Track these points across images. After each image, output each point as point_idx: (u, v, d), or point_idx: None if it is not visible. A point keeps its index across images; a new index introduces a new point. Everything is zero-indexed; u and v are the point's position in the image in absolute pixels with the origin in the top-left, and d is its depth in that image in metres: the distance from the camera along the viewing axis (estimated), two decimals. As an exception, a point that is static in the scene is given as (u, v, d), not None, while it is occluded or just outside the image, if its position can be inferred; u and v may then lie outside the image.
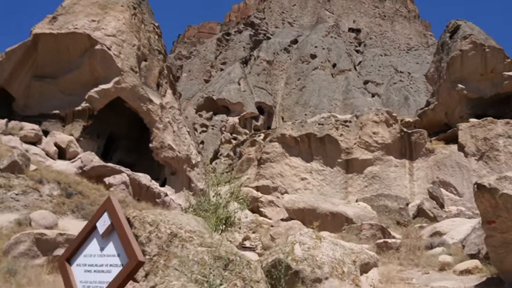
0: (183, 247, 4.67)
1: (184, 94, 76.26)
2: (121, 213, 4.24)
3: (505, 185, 8.89)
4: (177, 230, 4.83)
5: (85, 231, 4.45)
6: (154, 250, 4.65)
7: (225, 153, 53.61)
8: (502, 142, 32.24)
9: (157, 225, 4.83)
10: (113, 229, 4.21)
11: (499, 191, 8.71)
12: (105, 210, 4.36)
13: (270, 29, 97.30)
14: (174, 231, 4.80)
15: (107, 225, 4.27)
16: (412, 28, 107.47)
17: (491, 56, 36.94)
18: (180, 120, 30.67)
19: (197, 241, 4.77)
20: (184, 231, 4.85)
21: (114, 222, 4.21)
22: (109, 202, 4.40)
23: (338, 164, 35.93)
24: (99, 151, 27.94)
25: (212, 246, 4.77)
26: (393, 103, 70.13)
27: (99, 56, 27.30)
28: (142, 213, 5.04)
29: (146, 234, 4.78)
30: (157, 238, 4.73)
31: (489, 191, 8.87)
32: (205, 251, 4.66)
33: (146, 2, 36.79)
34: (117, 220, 4.19)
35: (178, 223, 4.99)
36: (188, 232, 4.86)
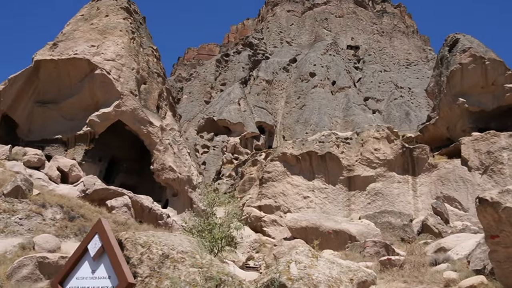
0: (175, 268, 4.60)
1: (185, 115, 76.52)
2: (111, 235, 4.20)
3: (508, 198, 8.77)
4: (169, 251, 4.77)
5: (77, 254, 4.40)
6: (145, 272, 4.58)
7: (227, 174, 53.52)
8: (506, 155, 31.99)
9: (149, 246, 4.77)
10: (104, 251, 4.17)
11: (501, 205, 8.58)
12: (96, 233, 4.32)
13: (269, 49, 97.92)
14: (166, 252, 4.74)
15: (98, 247, 4.23)
16: (411, 43, 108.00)
17: (492, 69, 36.89)
18: (181, 142, 30.72)
19: (189, 261, 4.71)
20: (176, 252, 4.78)
21: (105, 245, 4.17)
22: (100, 225, 4.36)
23: (340, 182, 35.74)
24: (101, 174, 27.99)
25: (203, 267, 4.70)
26: (394, 119, 70.10)
27: (99, 80, 27.56)
28: (134, 235, 4.99)
29: (138, 255, 4.71)
30: (148, 260, 4.67)
31: (491, 205, 8.74)
32: (197, 271, 4.60)
33: (144, 26, 37.20)
34: (107, 242, 4.14)
35: (170, 244, 4.93)
36: (180, 253, 4.80)
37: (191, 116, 75.94)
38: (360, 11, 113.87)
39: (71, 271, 4.42)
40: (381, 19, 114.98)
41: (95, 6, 34.24)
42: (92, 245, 4.24)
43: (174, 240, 5.13)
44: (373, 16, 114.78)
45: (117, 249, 4.03)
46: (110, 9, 33.33)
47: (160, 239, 5.02)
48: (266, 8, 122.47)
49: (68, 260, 4.45)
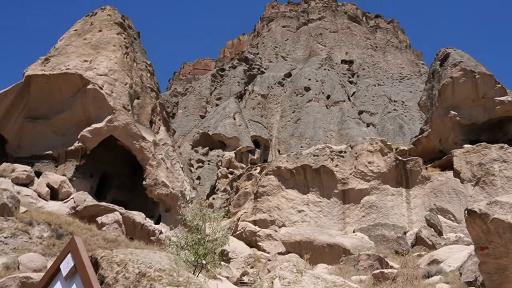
0: (151, 286, 4.51)
1: (180, 130, 76.46)
2: (84, 254, 4.12)
3: (496, 209, 8.74)
4: (146, 269, 4.68)
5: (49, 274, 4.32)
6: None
7: (222, 188, 53.30)
8: (497, 166, 32.09)
9: (125, 264, 4.69)
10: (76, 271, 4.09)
11: (490, 216, 8.56)
12: (69, 252, 4.24)
13: (264, 63, 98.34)
14: (142, 271, 4.66)
15: (70, 266, 4.14)
16: (404, 58, 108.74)
17: (482, 82, 37.14)
18: (174, 157, 30.62)
19: (166, 280, 4.62)
20: (153, 270, 4.70)
21: (77, 264, 4.08)
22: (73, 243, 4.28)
23: (334, 195, 35.66)
24: (93, 190, 27.77)
25: (180, 285, 4.61)
26: (388, 132, 70.26)
27: (91, 95, 27.49)
28: (111, 253, 4.90)
29: (113, 274, 4.62)
30: (124, 279, 4.58)
31: (480, 216, 8.71)
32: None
33: (138, 41, 37.30)
34: (80, 261, 4.06)
35: (148, 262, 4.84)
36: (157, 271, 4.71)
37: (186, 131, 75.88)
38: (354, 26, 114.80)
39: (42, 292, 4.33)
40: (374, 34, 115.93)
41: (89, 21, 34.36)
42: (65, 264, 4.15)
43: (152, 258, 5.05)
44: (367, 31, 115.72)
45: (89, 268, 3.94)
46: (104, 24, 33.44)
47: (138, 257, 4.94)
48: (262, 24, 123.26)
49: (40, 280, 4.36)
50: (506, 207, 9.05)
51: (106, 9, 35.89)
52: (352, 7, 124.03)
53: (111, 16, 34.69)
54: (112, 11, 35.67)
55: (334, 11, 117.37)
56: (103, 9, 36.10)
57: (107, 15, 34.72)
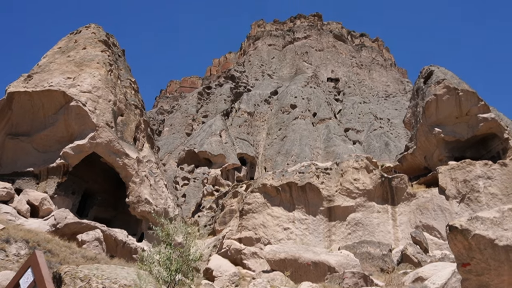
0: (115, 302, 4.33)
1: (166, 148, 76.15)
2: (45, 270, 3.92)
3: (477, 225, 8.70)
4: (110, 285, 4.49)
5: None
6: (82, 307, 4.30)
7: (208, 206, 52.92)
8: (482, 183, 32.25)
9: (89, 280, 4.49)
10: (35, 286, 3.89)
11: (471, 232, 8.52)
12: (29, 266, 4.04)
13: (251, 81, 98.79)
14: (106, 286, 4.47)
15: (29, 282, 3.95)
16: (389, 76, 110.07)
17: (465, 100, 37.49)
18: (157, 174, 30.33)
19: (130, 295, 4.44)
20: (118, 286, 4.51)
21: (37, 279, 3.89)
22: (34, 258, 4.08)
23: (320, 212, 35.49)
24: (74, 207, 27.33)
25: (146, 301, 4.44)
26: (374, 149, 70.62)
27: (74, 112, 27.21)
28: (75, 268, 4.71)
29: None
30: (87, 294, 4.39)
31: (461, 232, 8.66)
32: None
33: (123, 59, 37.18)
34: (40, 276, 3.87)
35: (113, 277, 4.65)
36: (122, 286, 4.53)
37: (172, 148, 75.61)
38: (340, 45, 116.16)
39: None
40: (360, 53, 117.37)
41: (73, 39, 34.20)
42: (24, 279, 3.96)
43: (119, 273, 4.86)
44: (352, 50, 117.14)
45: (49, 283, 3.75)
46: (88, 41, 33.30)
47: (104, 272, 4.75)
48: (248, 42, 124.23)
49: (-1, 296, 4.16)
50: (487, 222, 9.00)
51: (90, 27, 35.79)
52: (338, 26, 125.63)
53: (96, 34, 34.58)
54: (97, 29, 35.58)
55: (320, 30, 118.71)
56: (88, 27, 36.01)
57: (92, 32, 34.61)
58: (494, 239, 8.28)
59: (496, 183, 32.00)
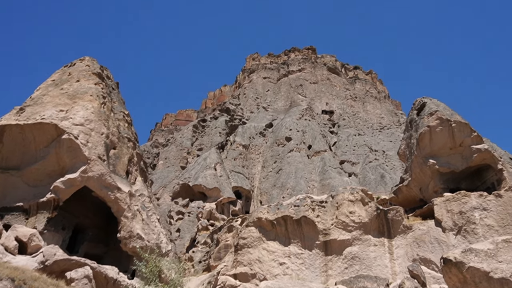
0: None
1: (160, 181, 75.59)
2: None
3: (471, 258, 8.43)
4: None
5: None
6: None
7: (202, 241, 52.05)
8: (477, 215, 31.95)
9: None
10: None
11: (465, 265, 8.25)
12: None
13: (246, 114, 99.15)
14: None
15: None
16: (383, 108, 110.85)
17: (458, 131, 37.53)
18: (150, 208, 29.88)
19: None
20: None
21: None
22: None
23: (316, 246, 34.93)
24: (64, 243, 26.72)
25: None
26: (370, 181, 70.34)
27: (65, 145, 26.95)
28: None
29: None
30: None
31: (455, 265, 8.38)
32: None
33: (117, 91, 37.19)
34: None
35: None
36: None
37: (167, 182, 75.00)
38: (334, 77, 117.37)
39: None
40: (353, 85, 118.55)
41: (67, 72, 34.26)
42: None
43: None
44: (346, 82, 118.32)
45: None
46: (82, 74, 33.34)
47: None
48: (243, 75, 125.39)
49: None
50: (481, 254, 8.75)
51: (85, 60, 35.93)
52: (331, 59, 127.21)
53: (90, 66, 34.67)
54: (91, 61, 35.70)
55: (314, 63, 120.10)
56: (82, 59, 36.14)
57: (86, 65, 34.70)
58: (489, 272, 8.03)
59: (492, 214, 31.74)
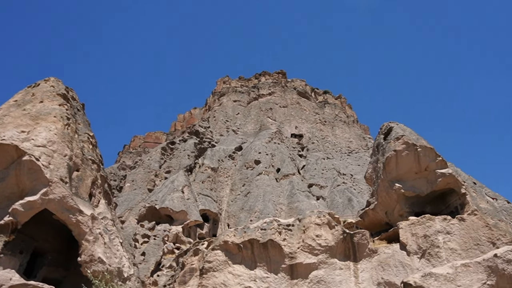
0: None
1: (126, 204, 74.23)
2: None
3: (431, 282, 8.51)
4: None
5: None
6: None
7: (168, 264, 51.14)
8: (441, 238, 32.41)
9: None
10: None
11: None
12: None
13: (215, 137, 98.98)
14: None
15: None
16: (351, 132, 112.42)
17: (423, 155, 38.21)
18: (113, 231, 29.21)
19: None
20: None
21: None
22: None
23: (282, 270, 34.70)
24: (22, 268, 25.81)
25: None
26: (338, 205, 70.71)
27: (26, 167, 26.25)
28: None
29: None
30: None
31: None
32: None
33: (82, 113, 36.60)
34: None
35: None
36: None
37: (133, 205, 73.66)
38: (303, 101, 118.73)
39: None
40: (323, 109, 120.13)
41: (30, 92, 33.55)
42: None
43: None
44: (316, 107, 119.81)
45: None
46: (46, 95, 32.70)
47: None
48: (213, 98, 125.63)
49: None
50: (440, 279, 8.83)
51: (49, 80, 35.29)
52: (301, 83, 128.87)
53: (54, 87, 34.05)
54: (56, 82, 35.10)
55: (284, 87, 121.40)
56: (47, 80, 35.49)
57: (51, 86, 34.08)
58: (446, 297, 8.03)
59: (455, 238, 32.26)
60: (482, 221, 32.25)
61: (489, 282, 25.11)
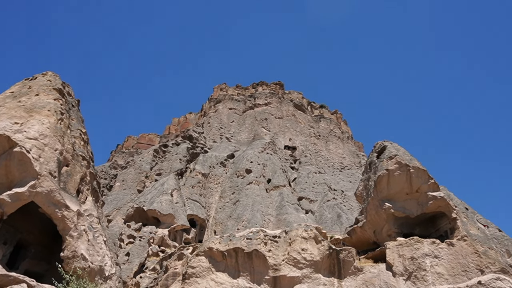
0: None
1: (115, 203, 73.82)
2: None
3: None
4: None
5: None
6: None
7: (151, 267, 50.75)
8: (429, 262, 32.22)
9: None
10: None
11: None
12: None
13: (208, 143, 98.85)
14: None
15: None
16: (345, 148, 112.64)
17: (416, 177, 38.18)
18: (98, 229, 28.93)
19: None
20: None
21: None
22: None
23: (265, 281, 34.44)
24: (5, 259, 25.53)
25: None
26: (326, 220, 70.57)
27: (16, 158, 26.05)
28: None
29: None
30: None
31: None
32: None
33: (76, 109, 36.42)
34: None
35: None
36: None
37: (122, 204, 73.27)
38: (299, 114, 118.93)
39: None
40: (318, 123, 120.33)
41: (27, 85, 33.40)
42: None
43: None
44: (311, 120, 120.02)
45: None
46: (42, 88, 32.54)
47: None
48: (209, 104, 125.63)
49: None
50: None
51: (47, 74, 35.14)
52: (298, 96, 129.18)
53: (51, 81, 33.90)
54: (53, 76, 34.94)
55: (281, 98, 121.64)
56: (45, 74, 35.35)
57: (48, 80, 33.93)
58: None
59: (443, 262, 32.05)
60: (471, 248, 32.09)
61: (472, 309, 24.95)
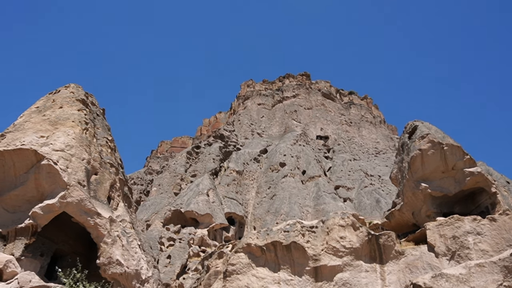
0: None
1: (153, 208, 74.66)
2: None
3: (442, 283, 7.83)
4: None
5: None
6: None
7: (193, 267, 51.03)
8: (471, 239, 31.10)
9: None
10: None
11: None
12: None
13: (240, 140, 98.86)
14: None
15: None
16: (378, 133, 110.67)
17: (450, 154, 36.96)
18: (131, 234, 29.09)
19: None
20: None
21: None
22: None
23: (306, 273, 33.98)
24: (43, 270, 25.93)
25: None
26: (365, 206, 69.48)
27: (45, 171, 26.42)
28: None
29: None
30: None
31: (425, 290, 7.64)
32: None
33: (101, 118, 36.77)
34: None
35: None
36: None
37: (160, 208, 74.12)
38: (328, 103, 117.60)
39: None
40: (348, 110, 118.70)
41: (51, 99, 33.90)
42: None
43: None
44: (341, 108, 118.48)
45: None
46: (65, 101, 32.97)
47: None
48: (238, 102, 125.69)
49: None
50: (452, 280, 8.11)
51: (70, 87, 35.60)
52: (326, 85, 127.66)
53: (74, 93, 34.32)
54: (76, 88, 35.38)
55: (308, 89, 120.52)
56: (67, 86, 35.82)
57: (70, 92, 34.37)
58: (459, 298, 7.30)
59: (486, 239, 30.84)
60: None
61: (505, 283, 23.77)
